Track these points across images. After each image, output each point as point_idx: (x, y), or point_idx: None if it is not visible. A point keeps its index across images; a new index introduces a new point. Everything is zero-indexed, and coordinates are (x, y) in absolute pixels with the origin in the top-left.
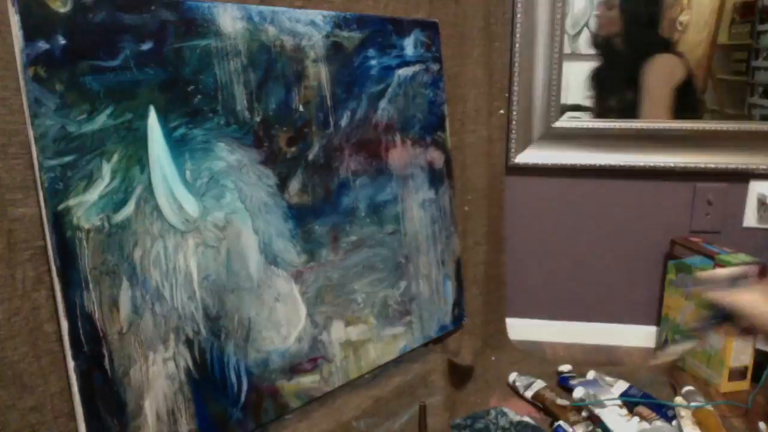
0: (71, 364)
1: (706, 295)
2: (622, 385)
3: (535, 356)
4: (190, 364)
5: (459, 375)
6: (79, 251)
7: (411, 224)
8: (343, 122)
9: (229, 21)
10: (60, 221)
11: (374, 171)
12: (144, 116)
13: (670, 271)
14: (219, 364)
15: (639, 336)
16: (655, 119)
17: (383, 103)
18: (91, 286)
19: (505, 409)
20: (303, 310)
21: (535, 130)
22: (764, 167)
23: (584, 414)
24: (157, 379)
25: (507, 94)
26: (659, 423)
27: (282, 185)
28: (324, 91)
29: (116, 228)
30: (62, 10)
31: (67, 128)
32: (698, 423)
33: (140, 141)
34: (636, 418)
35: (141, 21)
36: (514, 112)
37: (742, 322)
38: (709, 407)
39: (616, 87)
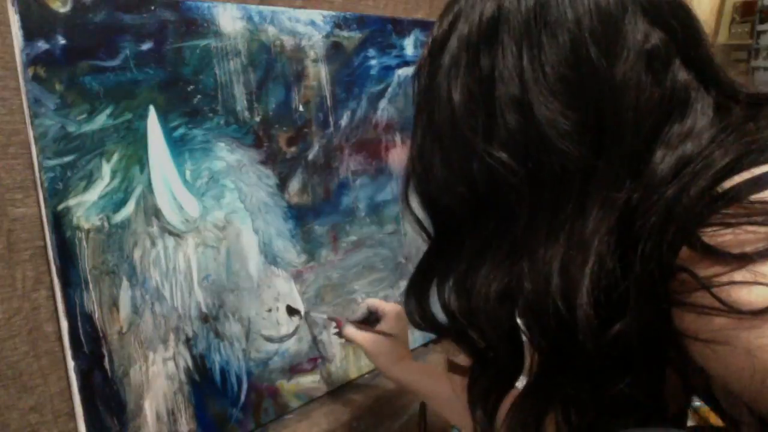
0: (71, 364)
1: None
2: None
3: None
4: (190, 364)
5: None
6: (79, 251)
7: (411, 224)
8: (343, 122)
9: (229, 21)
10: (60, 221)
11: (374, 171)
12: (144, 116)
13: None
14: (219, 364)
15: None
16: None
17: (383, 103)
18: (91, 286)
19: None
20: (303, 310)
21: None
22: None
23: None
24: (157, 379)
25: None
26: None
27: (282, 185)
28: (324, 91)
29: (116, 228)
30: (62, 10)
31: (67, 128)
32: (699, 421)
33: (140, 141)
34: None
35: (141, 21)
36: None
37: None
38: None
39: None
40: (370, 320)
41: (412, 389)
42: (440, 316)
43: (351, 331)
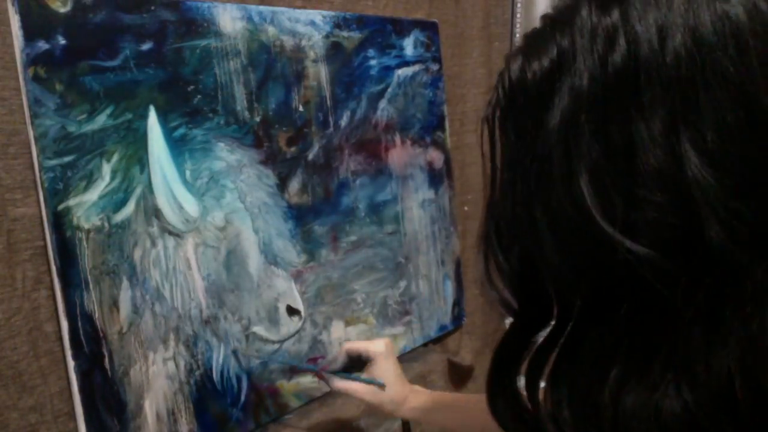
0: (71, 364)
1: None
2: None
3: None
4: (190, 364)
5: (459, 375)
6: (79, 251)
7: (411, 224)
8: (343, 122)
9: (229, 21)
10: (60, 221)
11: (374, 171)
12: (144, 116)
13: None
14: (219, 363)
15: None
16: None
17: (383, 103)
18: (91, 286)
19: None
20: (303, 310)
21: None
22: None
23: None
24: (157, 379)
25: None
26: None
27: (282, 185)
28: (324, 91)
29: (116, 228)
30: (62, 10)
31: (67, 128)
32: None
33: (140, 141)
34: None
35: (141, 21)
36: None
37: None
38: None
39: None
40: (356, 364)
41: (426, 423)
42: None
43: (340, 384)
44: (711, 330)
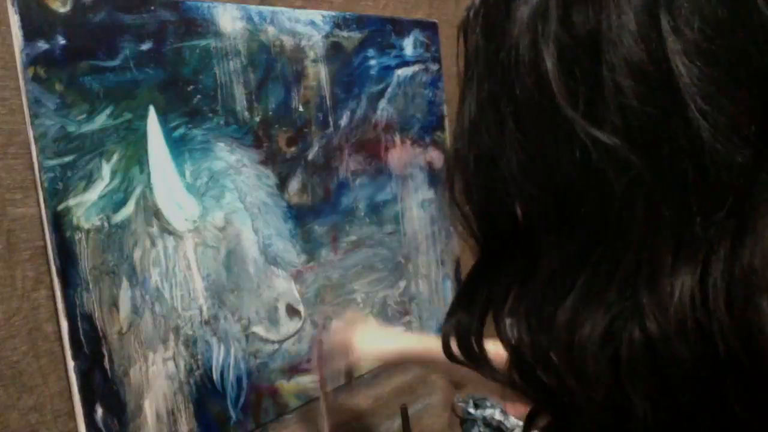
0: (71, 364)
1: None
2: None
3: None
4: (190, 364)
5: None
6: (79, 251)
7: (410, 224)
8: (343, 122)
9: (229, 21)
10: (60, 221)
11: (373, 171)
12: (144, 116)
13: None
14: (218, 364)
15: None
16: None
17: (382, 103)
18: (90, 286)
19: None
20: (303, 310)
21: None
22: None
23: None
24: (157, 379)
25: None
26: None
27: (282, 185)
28: (323, 91)
29: (116, 228)
30: (62, 10)
31: (67, 128)
32: None
33: (140, 141)
34: None
35: (141, 21)
36: None
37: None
38: None
39: None
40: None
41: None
42: (490, 349)
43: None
44: (677, 243)
